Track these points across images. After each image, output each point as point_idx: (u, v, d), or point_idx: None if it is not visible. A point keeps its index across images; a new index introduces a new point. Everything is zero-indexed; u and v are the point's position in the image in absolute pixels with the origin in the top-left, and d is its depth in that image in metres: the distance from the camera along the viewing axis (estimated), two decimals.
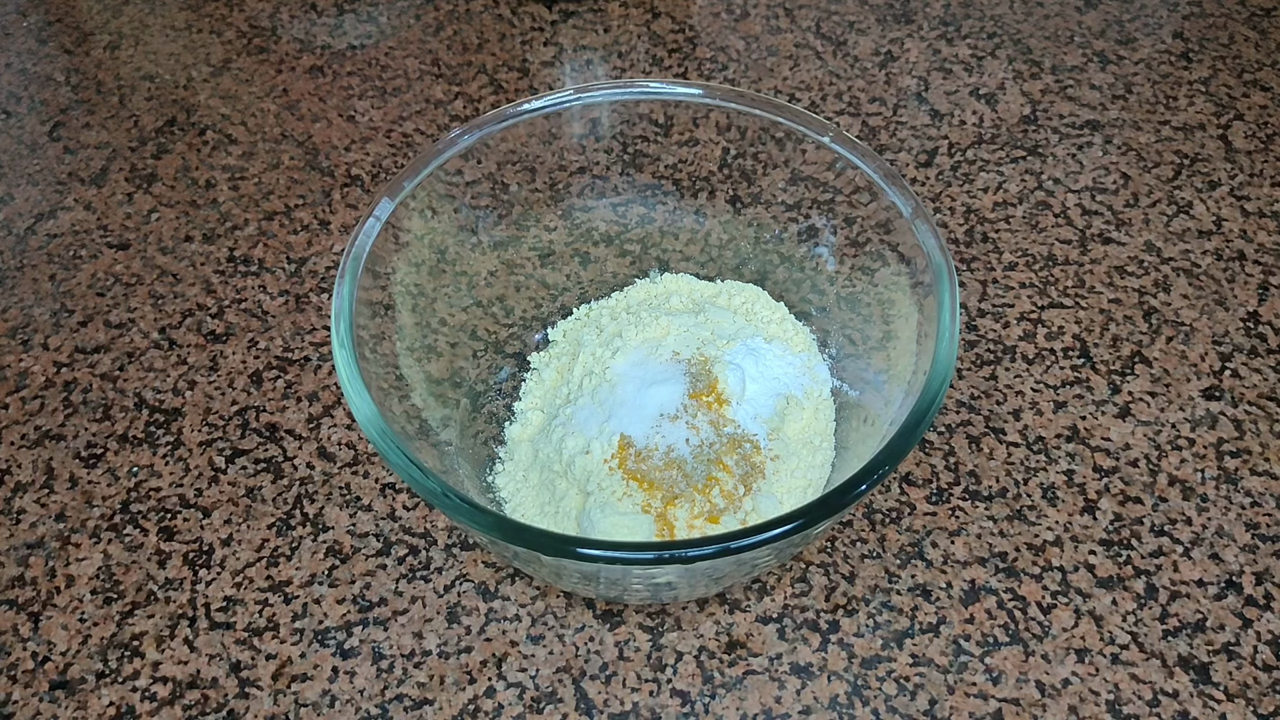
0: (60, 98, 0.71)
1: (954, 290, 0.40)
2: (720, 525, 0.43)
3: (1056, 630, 0.44)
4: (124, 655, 0.45)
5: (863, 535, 0.47)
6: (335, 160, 0.65)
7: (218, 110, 0.69)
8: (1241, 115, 0.66)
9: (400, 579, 0.47)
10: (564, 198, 0.53)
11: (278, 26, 0.75)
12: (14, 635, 0.45)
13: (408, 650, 0.44)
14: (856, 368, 0.48)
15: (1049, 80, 0.69)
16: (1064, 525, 0.47)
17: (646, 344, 0.49)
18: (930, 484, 0.49)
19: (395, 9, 0.76)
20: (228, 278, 0.59)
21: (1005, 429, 0.51)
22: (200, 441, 0.52)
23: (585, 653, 0.44)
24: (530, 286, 0.53)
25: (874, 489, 0.36)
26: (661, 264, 0.55)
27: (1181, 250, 0.59)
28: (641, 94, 0.49)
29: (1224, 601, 0.45)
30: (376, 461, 0.51)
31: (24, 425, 0.53)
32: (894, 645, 0.44)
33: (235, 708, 0.43)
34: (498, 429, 0.50)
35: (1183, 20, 0.73)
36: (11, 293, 0.59)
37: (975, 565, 0.46)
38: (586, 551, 0.34)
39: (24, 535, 0.49)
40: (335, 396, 0.54)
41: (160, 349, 0.56)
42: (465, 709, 0.43)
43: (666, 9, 0.75)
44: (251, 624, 0.45)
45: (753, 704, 0.42)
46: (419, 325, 0.47)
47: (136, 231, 0.62)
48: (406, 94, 0.69)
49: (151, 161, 0.66)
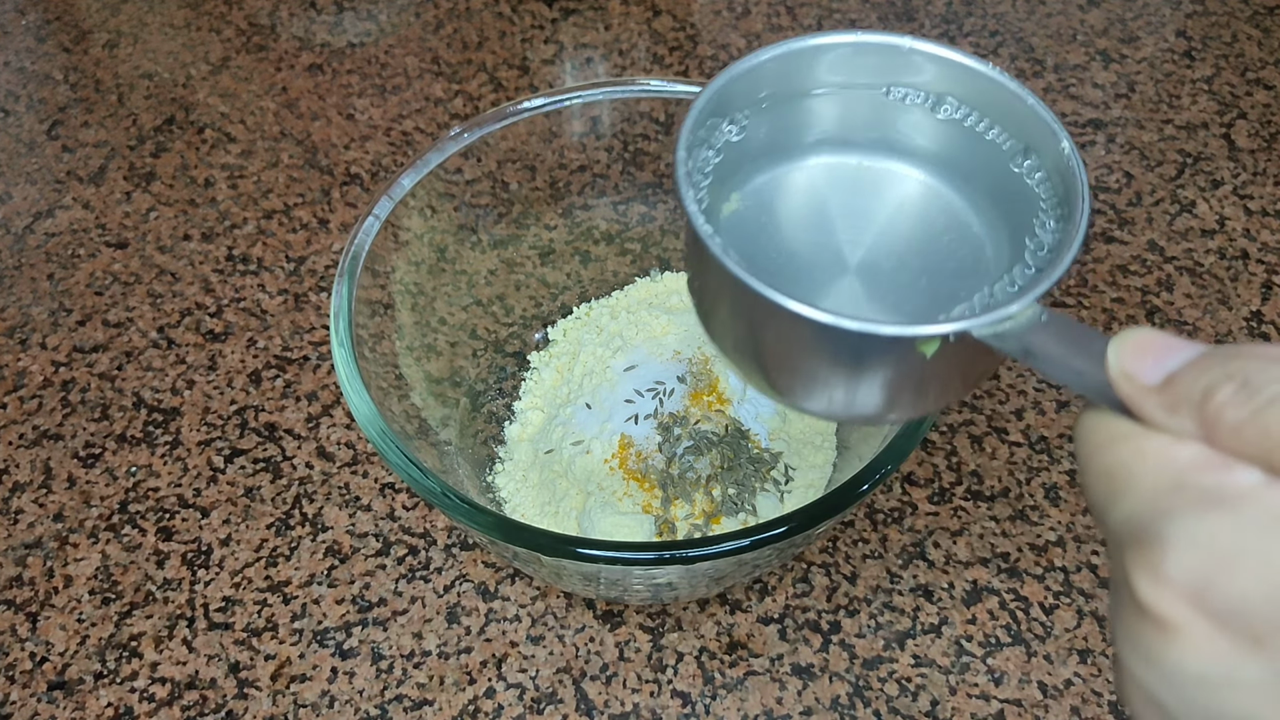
0: (58, 96, 0.70)
1: None
2: (721, 525, 0.43)
3: (1059, 631, 0.44)
4: (122, 656, 0.44)
5: (864, 535, 0.47)
6: (334, 159, 0.65)
7: (216, 108, 0.69)
8: (1245, 114, 0.66)
9: (400, 579, 0.46)
10: (564, 196, 0.52)
11: (277, 24, 0.75)
12: (12, 635, 0.45)
13: (407, 651, 0.44)
14: None
15: (1051, 79, 0.69)
16: (1066, 525, 0.47)
17: (647, 343, 0.48)
18: (932, 484, 0.49)
19: (395, 7, 0.76)
20: (226, 277, 0.59)
21: (1008, 428, 0.51)
22: (199, 441, 0.52)
23: (585, 653, 0.44)
24: (530, 285, 0.53)
25: (876, 489, 0.36)
26: (662, 262, 0.54)
27: (1184, 249, 0.59)
28: (642, 92, 0.49)
29: None
30: (376, 461, 0.51)
31: (22, 425, 0.53)
32: (896, 646, 0.44)
33: (234, 708, 0.43)
34: (498, 428, 0.49)
35: (1185, 19, 0.73)
36: (10, 292, 0.59)
37: (977, 565, 0.46)
38: (587, 552, 0.34)
39: (22, 535, 0.48)
40: (334, 396, 0.53)
41: (159, 348, 0.56)
42: (465, 709, 0.42)
43: (667, 7, 0.74)
44: (250, 624, 0.45)
45: (754, 705, 0.42)
46: (418, 324, 0.47)
47: (135, 230, 0.62)
48: (406, 92, 0.69)
49: (150, 160, 0.66)
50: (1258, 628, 0.19)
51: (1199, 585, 0.19)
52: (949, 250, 0.29)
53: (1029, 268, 0.28)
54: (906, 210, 0.30)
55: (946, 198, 0.30)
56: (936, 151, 0.30)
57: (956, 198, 0.30)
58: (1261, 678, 0.19)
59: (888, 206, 0.30)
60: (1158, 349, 0.22)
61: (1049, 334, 0.25)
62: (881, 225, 0.30)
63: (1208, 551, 0.19)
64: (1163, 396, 0.21)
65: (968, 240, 0.29)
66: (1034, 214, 0.28)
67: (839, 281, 0.29)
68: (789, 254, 0.30)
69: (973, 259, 0.29)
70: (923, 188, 0.30)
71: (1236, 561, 0.19)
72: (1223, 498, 0.19)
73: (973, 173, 0.30)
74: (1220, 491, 0.19)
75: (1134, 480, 0.21)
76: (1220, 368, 0.20)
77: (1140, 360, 0.22)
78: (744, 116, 0.31)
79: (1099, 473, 0.22)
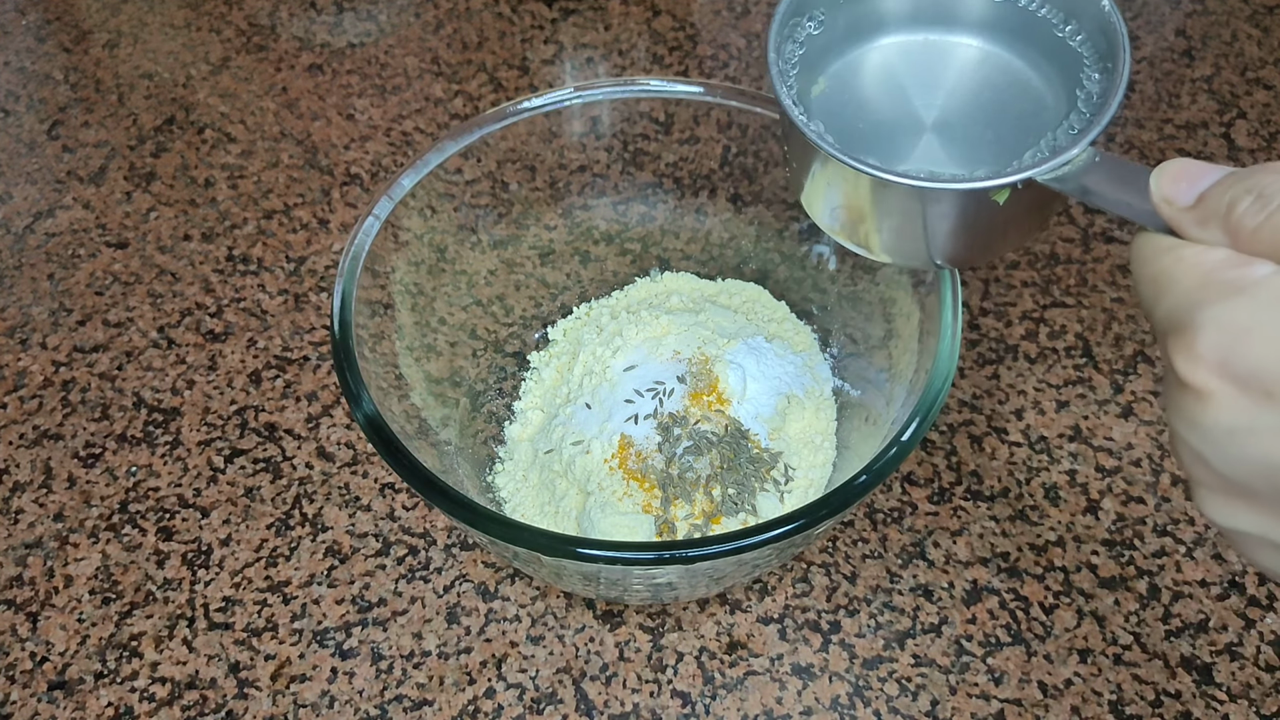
0: (59, 96, 0.70)
1: (956, 288, 0.40)
2: (721, 525, 0.43)
3: (1059, 630, 0.44)
4: (122, 655, 0.45)
5: (864, 535, 0.47)
6: (334, 159, 0.65)
7: (217, 109, 0.69)
8: (1244, 113, 0.66)
9: (400, 579, 0.46)
10: (564, 196, 0.52)
11: (277, 24, 0.75)
12: (12, 635, 0.45)
13: (407, 651, 0.44)
14: (858, 366, 0.48)
15: None
16: (1066, 525, 0.47)
17: (647, 343, 0.48)
18: (932, 484, 0.49)
19: (395, 7, 0.76)
20: (226, 277, 0.59)
21: (1007, 428, 0.51)
22: (199, 441, 0.52)
23: (585, 653, 0.44)
24: (530, 285, 0.53)
25: (875, 489, 0.36)
26: (662, 262, 0.54)
27: None
28: (642, 92, 0.49)
29: (1227, 602, 0.45)
30: (376, 461, 0.51)
31: (22, 425, 0.53)
32: (896, 646, 0.44)
33: (234, 708, 0.43)
34: (497, 428, 0.49)
35: (1185, 18, 0.73)
36: (10, 292, 0.59)
37: (977, 565, 0.46)
38: (587, 552, 0.34)
39: (22, 535, 0.49)
40: (334, 396, 0.53)
41: (159, 348, 0.56)
42: (465, 710, 0.42)
43: (667, 7, 0.74)
44: (250, 624, 0.45)
45: (754, 705, 0.42)
46: (418, 324, 0.47)
47: (135, 230, 0.62)
48: (406, 92, 0.69)
49: (150, 160, 0.66)
50: (1270, 385, 0.23)
51: (1223, 357, 0.24)
52: (1010, 103, 0.34)
53: (1082, 114, 0.32)
54: (970, 74, 0.35)
55: (1004, 60, 0.35)
56: (992, 24, 0.35)
57: (1013, 59, 0.35)
58: (1275, 424, 0.23)
59: (953, 72, 0.36)
60: (1190, 174, 0.26)
61: (1102, 173, 0.29)
62: (949, 88, 0.35)
63: (1229, 329, 0.24)
64: (1195, 213, 0.26)
65: (1027, 94, 0.35)
66: (1080, 69, 0.33)
67: (919, 140, 0.34)
68: (874, 122, 0.35)
69: (1033, 109, 0.34)
70: (981, 54, 0.36)
71: (1251, 334, 0.23)
72: (1241, 287, 0.24)
73: (1025, 39, 0.35)
74: (1239, 282, 0.24)
75: (1173, 282, 0.26)
76: (1241, 184, 0.25)
77: (1176, 185, 0.27)
78: (820, 13, 0.36)
79: (1148, 280, 0.27)
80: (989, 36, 0.36)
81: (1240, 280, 0.24)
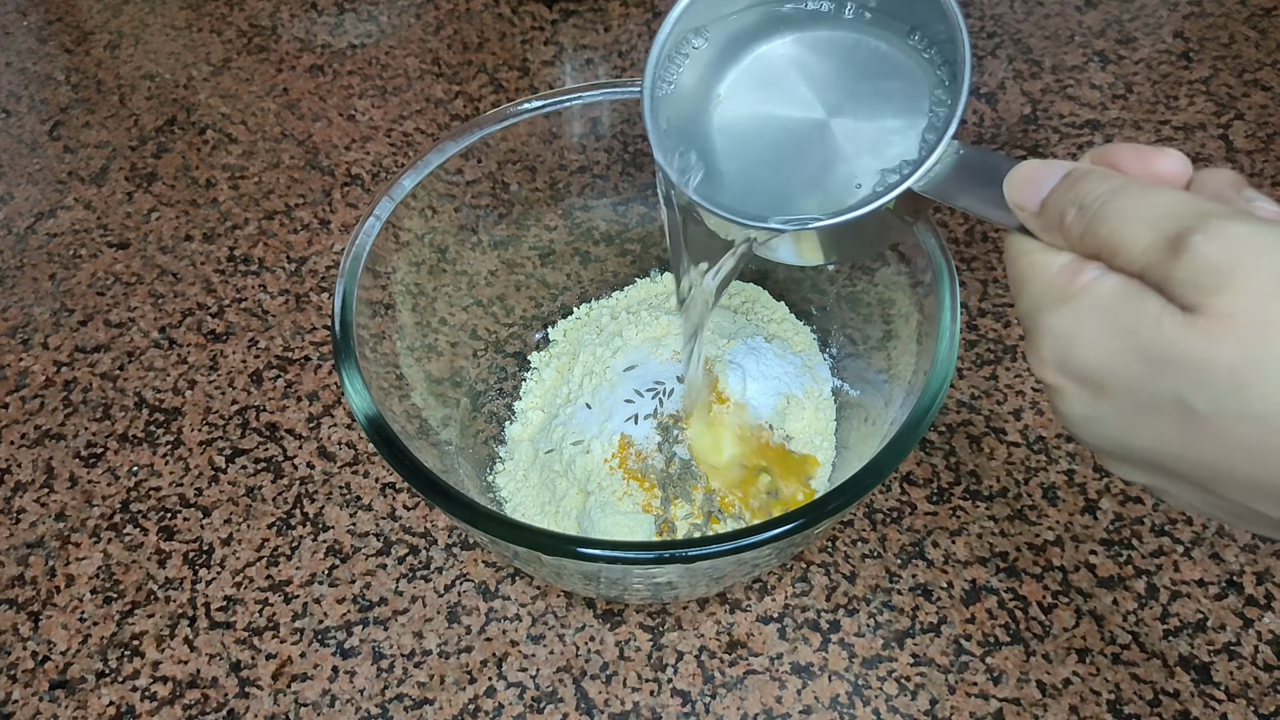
0: (60, 97, 0.71)
1: (955, 289, 0.40)
2: (721, 525, 0.43)
3: (1057, 630, 0.44)
4: (124, 655, 0.45)
5: (863, 535, 0.47)
6: (335, 159, 0.65)
7: (218, 109, 0.69)
8: (1242, 115, 0.66)
9: (400, 578, 0.47)
10: (564, 197, 0.52)
11: (278, 25, 0.75)
12: (14, 635, 0.45)
13: (408, 650, 0.44)
14: (857, 367, 0.48)
15: (1049, 80, 0.69)
16: (1065, 525, 0.47)
17: (647, 343, 0.49)
18: (931, 484, 0.49)
19: (395, 8, 0.76)
20: (228, 277, 0.59)
21: (1006, 429, 0.51)
22: (200, 441, 0.52)
23: (586, 652, 0.44)
24: (530, 286, 0.53)
25: (874, 489, 0.36)
26: (662, 263, 0.54)
27: None
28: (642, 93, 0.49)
29: (1225, 601, 0.45)
30: (377, 461, 0.51)
31: (24, 424, 0.53)
32: (895, 645, 0.44)
33: (235, 707, 0.43)
34: (498, 428, 0.50)
35: (1183, 20, 0.73)
36: (11, 292, 0.59)
37: (976, 565, 0.46)
38: (587, 551, 0.34)
39: (24, 534, 0.49)
40: (335, 396, 0.53)
41: (160, 348, 0.56)
42: (465, 709, 0.43)
43: (667, 8, 0.75)
44: (251, 623, 0.45)
45: (753, 704, 0.42)
46: (419, 324, 0.47)
47: (136, 231, 0.62)
48: (407, 93, 0.69)
49: (151, 161, 0.66)
50: (1098, 381, 0.26)
51: (1060, 359, 0.26)
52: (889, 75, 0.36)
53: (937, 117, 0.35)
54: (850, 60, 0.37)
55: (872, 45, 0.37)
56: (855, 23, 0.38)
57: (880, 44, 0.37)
58: (1112, 412, 0.26)
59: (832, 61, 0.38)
60: (1035, 180, 0.28)
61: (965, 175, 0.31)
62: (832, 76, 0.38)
63: (1060, 335, 0.26)
64: (1041, 219, 0.28)
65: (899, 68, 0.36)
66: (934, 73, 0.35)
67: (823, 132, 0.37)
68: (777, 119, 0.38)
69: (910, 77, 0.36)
70: (854, 40, 0.38)
71: (1076, 339, 0.26)
72: (1069, 294, 0.26)
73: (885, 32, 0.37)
74: (1068, 289, 0.26)
75: (1026, 285, 0.28)
76: (1066, 195, 0.27)
77: (1023, 192, 0.28)
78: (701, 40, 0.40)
79: (1011, 280, 0.29)
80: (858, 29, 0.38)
81: (1069, 287, 0.26)
